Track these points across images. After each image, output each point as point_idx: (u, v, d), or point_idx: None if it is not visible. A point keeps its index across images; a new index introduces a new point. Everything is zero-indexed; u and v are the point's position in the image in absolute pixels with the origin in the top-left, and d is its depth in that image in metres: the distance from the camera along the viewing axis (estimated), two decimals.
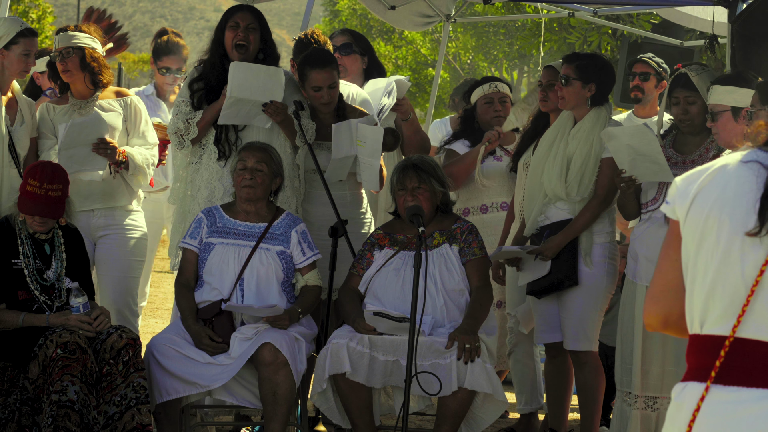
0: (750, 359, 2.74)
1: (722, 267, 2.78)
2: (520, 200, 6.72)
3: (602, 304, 6.32)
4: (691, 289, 2.84)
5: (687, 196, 2.86)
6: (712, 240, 2.80)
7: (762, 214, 2.73)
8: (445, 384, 5.70)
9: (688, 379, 2.85)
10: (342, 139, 6.45)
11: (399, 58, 28.73)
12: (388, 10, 8.97)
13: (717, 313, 2.79)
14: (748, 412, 2.71)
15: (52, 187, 5.87)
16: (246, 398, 5.94)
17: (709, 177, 2.85)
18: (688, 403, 2.81)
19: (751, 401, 2.72)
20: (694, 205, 2.84)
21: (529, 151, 6.72)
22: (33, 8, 24.77)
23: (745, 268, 2.75)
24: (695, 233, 2.83)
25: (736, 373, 2.75)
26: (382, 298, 5.98)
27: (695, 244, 2.83)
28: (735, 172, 2.81)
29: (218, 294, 6.03)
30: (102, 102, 6.69)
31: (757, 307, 2.74)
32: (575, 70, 6.28)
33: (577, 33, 14.03)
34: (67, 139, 6.50)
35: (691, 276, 2.85)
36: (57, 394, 5.47)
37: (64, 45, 6.60)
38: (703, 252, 2.82)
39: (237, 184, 6.14)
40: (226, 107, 6.33)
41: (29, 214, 5.86)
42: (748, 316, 2.74)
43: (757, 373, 2.73)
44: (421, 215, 5.87)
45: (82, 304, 5.81)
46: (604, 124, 6.28)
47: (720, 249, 2.79)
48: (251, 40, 6.46)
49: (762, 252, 2.73)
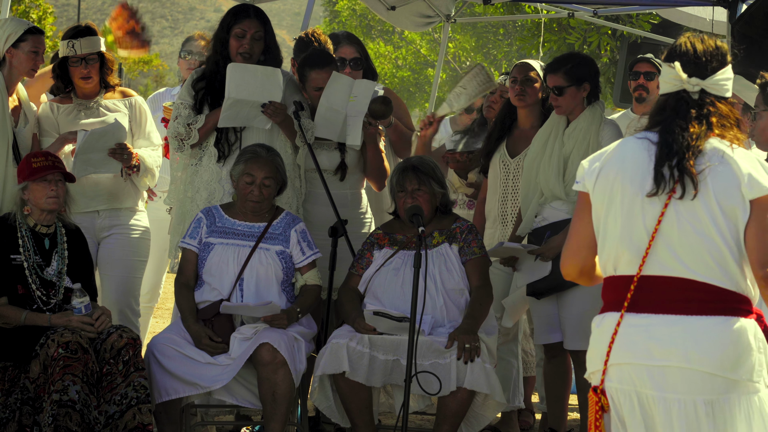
0: (654, 291, 3.56)
1: (628, 222, 3.59)
2: (498, 199, 6.72)
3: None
4: (603, 243, 3.64)
5: (593, 172, 3.67)
6: (617, 202, 3.61)
7: (656, 178, 3.56)
8: (445, 384, 5.70)
9: (605, 311, 3.68)
10: (336, 90, 6.45)
11: (399, 58, 28.74)
12: (388, 10, 8.98)
13: (626, 258, 3.59)
14: (658, 331, 3.54)
15: (55, 160, 6.00)
16: (246, 398, 5.94)
17: (609, 155, 3.66)
18: (607, 328, 3.64)
19: (660, 324, 3.54)
20: (599, 178, 3.65)
21: (502, 149, 6.74)
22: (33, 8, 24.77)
23: (646, 221, 3.57)
24: (604, 198, 3.63)
25: (643, 303, 3.58)
26: (382, 298, 5.99)
27: (604, 207, 3.63)
28: (630, 147, 3.65)
29: (218, 294, 6.03)
30: (107, 102, 6.68)
31: (657, 249, 3.56)
32: (566, 77, 6.27)
33: (577, 33, 14.03)
34: (85, 144, 6.44)
35: (602, 233, 3.64)
36: (58, 393, 5.48)
37: (89, 51, 6.56)
38: (612, 212, 3.61)
39: (242, 194, 6.13)
40: (225, 109, 6.33)
41: (45, 180, 5.87)
42: (650, 258, 3.56)
43: (659, 301, 3.55)
44: (421, 215, 5.88)
45: (84, 305, 5.81)
46: (599, 121, 6.30)
47: (625, 208, 3.59)
48: (256, 51, 6.46)
49: (658, 207, 3.56)
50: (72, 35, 6.58)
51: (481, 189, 6.98)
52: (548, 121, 6.44)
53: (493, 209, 6.80)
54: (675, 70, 3.64)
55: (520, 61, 6.95)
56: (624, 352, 3.58)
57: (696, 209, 3.54)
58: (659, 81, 3.76)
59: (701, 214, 3.54)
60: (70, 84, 6.62)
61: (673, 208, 3.55)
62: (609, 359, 3.60)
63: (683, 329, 3.52)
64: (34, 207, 5.92)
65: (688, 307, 3.53)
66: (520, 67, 6.78)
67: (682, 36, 3.74)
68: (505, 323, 6.54)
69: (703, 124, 3.60)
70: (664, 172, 3.56)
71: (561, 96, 6.28)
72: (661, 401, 3.54)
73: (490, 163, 6.81)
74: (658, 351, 3.53)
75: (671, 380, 3.52)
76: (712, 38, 3.74)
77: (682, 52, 3.68)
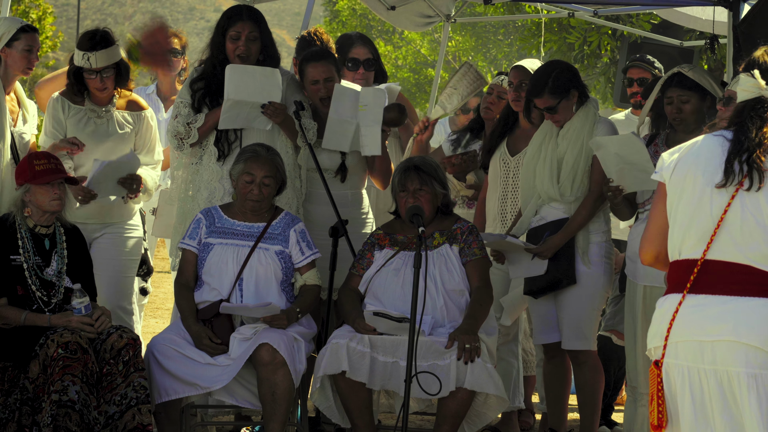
0: (715, 274, 3.91)
1: (696, 210, 3.96)
2: (498, 198, 6.72)
3: (599, 303, 6.33)
4: (672, 229, 4.01)
5: (671, 164, 4.04)
6: (689, 192, 3.98)
7: (726, 171, 3.93)
8: (445, 384, 5.70)
9: (669, 293, 4.00)
10: (343, 101, 6.47)
11: (399, 58, 28.74)
12: (388, 10, 8.97)
13: (691, 242, 3.95)
14: (713, 311, 3.88)
15: (57, 162, 5.97)
16: (246, 398, 5.94)
17: (686, 148, 4.06)
18: (669, 307, 3.97)
19: (716, 304, 3.89)
20: (676, 170, 4.02)
21: (502, 148, 6.74)
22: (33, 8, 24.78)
23: (713, 210, 3.93)
24: (677, 189, 4.01)
25: (703, 285, 3.92)
26: (382, 298, 5.99)
27: (677, 196, 4.01)
28: (706, 143, 4.03)
29: (218, 294, 6.03)
30: (117, 115, 6.63)
31: (721, 237, 3.92)
32: (552, 95, 6.24)
33: (577, 33, 14.02)
34: (100, 175, 6.36)
35: (672, 219, 4.02)
36: (57, 393, 5.47)
37: (106, 64, 6.48)
38: (683, 201, 3.98)
39: (241, 193, 6.12)
40: (225, 110, 6.33)
41: (49, 183, 5.85)
42: (714, 244, 3.91)
43: (719, 284, 3.90)
44: (421, 215, 5.88)
45: (83, 305, 5.80)
46: (593, 120, 6.30)
47: (695, 197, 3.96)
48: (253, 51, 6.46)
49: (725, 198, 3.93)
50: (89, 47, 6.46)
51: (482, 188, 6.98)
52: (543, 124, 6.44)
53: (492, 208, 6.80)
54: (755, 80, 4.07)
55: (516, 63, 6.93)
56: (681, 329, 3.92)
57: (760, 202, 3.92)
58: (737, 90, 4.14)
59: (764, 206, 3.91)
60: (85, 89, 6.57)
61: (739, 200, 3.92)
62: (669, 336, 3.94)
63: (734, 307, 3.87)
64: (36, 209, 5.91)
65: (742, 289, 3.89)
66: (516, 71, 6.78)
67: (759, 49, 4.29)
68: (503, 322, 6.54)
69: None
70: (735, 165, 3.93)
71: (555, 113, 6.28)
72: (711, 374, 3.86)
73: (491, 161, 6.82)
74: (711, 327, 3.87)
75: (720, 354, 3.85)
76: None
77: (760, 63, 4.20)
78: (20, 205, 5.92)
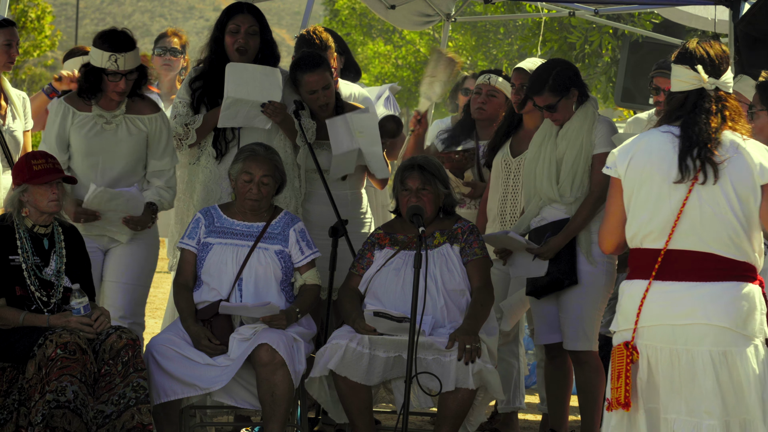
0: (678, 263, 4.28)
1: (656, 205, 4.29)
2: (499, 198, 6.71)
3: (601, 303, 6.30)
4: (631, 221, 4.36)
5: (624, 160, 4.35)
6: (646, 187, 4.31)
7: (681, 168, 4.25)
8: (445, 384, 5.68)
9: (633, 278, 4.36)
10: (340, 134, 6.45)
11: (399, 57, 28.73)
12: (388, 10, 8.97)
13: (653, 235, 4.31)
14: (682, 296, 4.26)
15: (55, 162, 5.83)
16: (245, 399, 5.92)
17: (637, 146, 4.35)
18: (636, 293, 4.32)
19: (684, 290, 4.26)
20: (630, 167, 4.34)
21: (506, 148, 6.73)
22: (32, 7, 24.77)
23: (672, 204, 4.27)
24: (634, 183, 4.33)
25: (668, 272, 4.28)
26: (382, 298, 5.97)
27: (634, 191, 4.33)
28: (656, 140, 4.34)
29: (217, 294, 6.00)
30: (128, 121, 6.23)
31: (681, 228, 4.26)
32: (552, 93, 6.21)
33: (578, 32, 14.01)
34: (92, 202, 6.05)
35: (631, 213, 4.36)
36: (53, 393, 5.45)
37: (133, 67, 6.11)
38: (642, 196, 4.32)
39: (240, 192, 6.09)
40: (225, 109, 6.31)
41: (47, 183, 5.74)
42: (675, 235, 4.27)
43: (684, 271, 4.27)
44: (421, 215, 5.86)
45: (82, 305, 5.77)
46: (592, 119, 6.27)
47: (653, 193, 4.30)
48: (251, 45, 6.43)
49: (683, 192, 4.27)
50: (116, 48, 6.07)
51: (485, 189, 6.97)
52: (543, 125, 6.42)
53: (493, 208, 6.79)
54: (698, 72, 4.29)
55: (518, 65, 6.92)
56: (651, 315, 4.28)
57: (715, 194, 4.25)
58: (672, 81, 4.36)
59: (720, 198, 4.24)
60: (99, 92, 6.18)
61: (696, 193, 4.25)
62: (639, 320, 4.29)
63: (702, 292, 4.25)
64: (34, 209, 5.86)
65: (706, 275, 4.26)
66: (518, 74, 6.77)
67: (691, 42, 4.42)
68: (503, 327, 6.52)
69: (719, 117, 4.30)
70: (688, 161, 4.25)
71: (555, 111, 6.25)
72: (685, 353, 4.24)
73: (493, 161, 6.80)
74: (683, 312, 4.24)
75: (693, 335, 4.24)
76: (717, 43, 4.42)
77: (700, 57, 4.35)
78: (17, 206, 5.86)
